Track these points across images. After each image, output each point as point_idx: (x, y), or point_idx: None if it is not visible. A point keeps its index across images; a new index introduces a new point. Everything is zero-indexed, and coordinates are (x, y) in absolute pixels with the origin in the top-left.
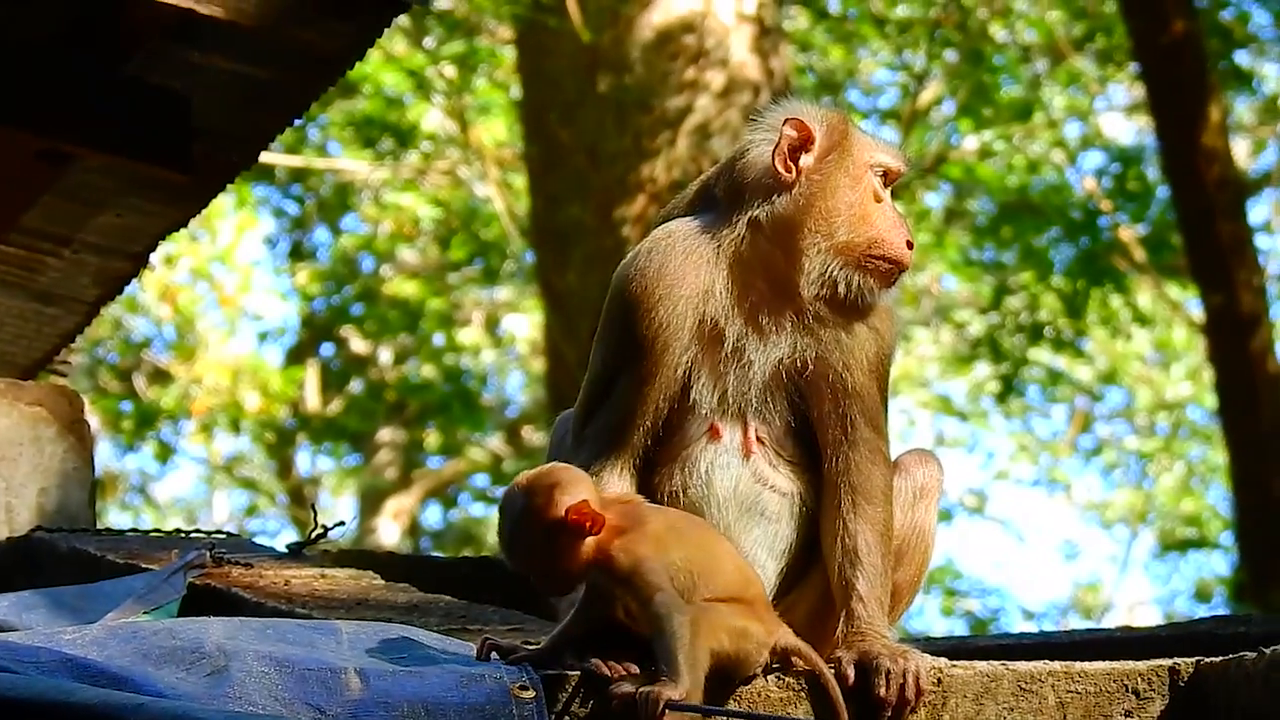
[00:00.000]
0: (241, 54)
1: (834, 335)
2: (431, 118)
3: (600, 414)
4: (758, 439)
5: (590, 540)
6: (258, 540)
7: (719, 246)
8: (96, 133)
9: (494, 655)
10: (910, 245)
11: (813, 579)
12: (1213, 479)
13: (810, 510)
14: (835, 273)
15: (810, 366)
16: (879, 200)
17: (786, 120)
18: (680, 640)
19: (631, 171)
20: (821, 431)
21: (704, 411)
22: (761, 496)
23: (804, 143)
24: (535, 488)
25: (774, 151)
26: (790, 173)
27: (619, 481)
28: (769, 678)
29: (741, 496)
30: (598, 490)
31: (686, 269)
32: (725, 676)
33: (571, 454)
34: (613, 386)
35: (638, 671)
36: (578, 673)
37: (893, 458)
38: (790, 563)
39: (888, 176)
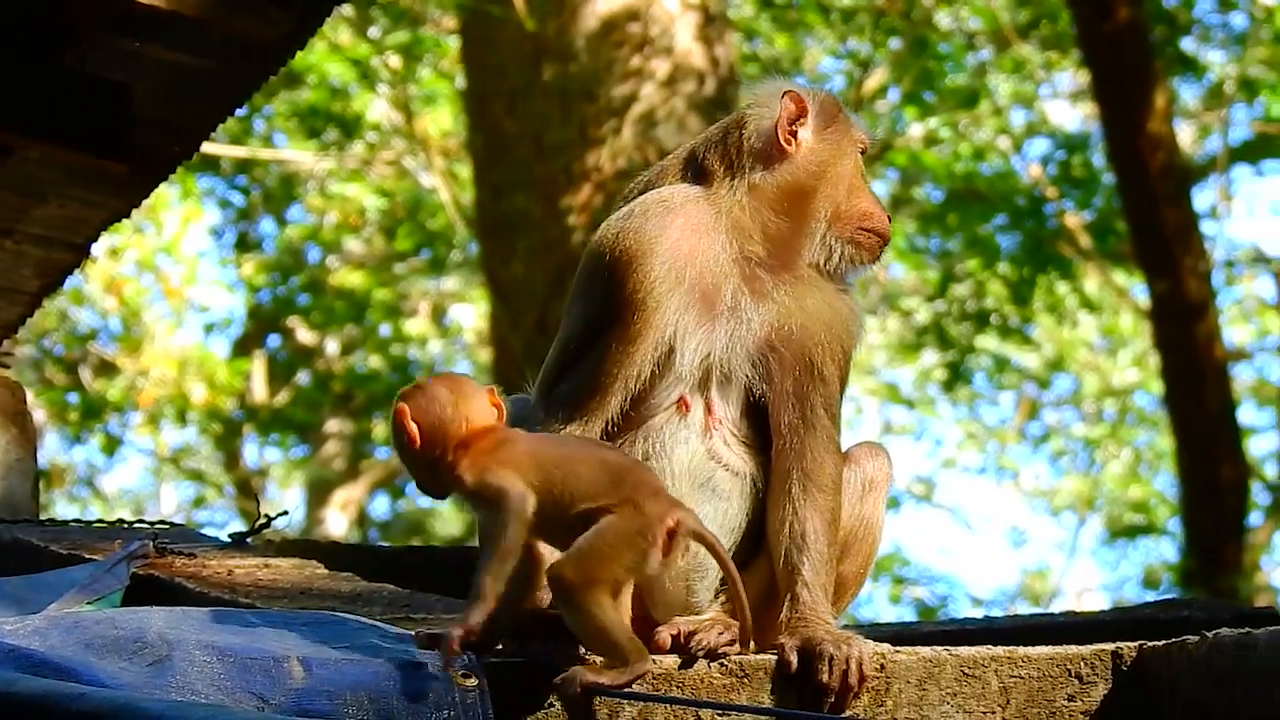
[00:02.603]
0: (182, 43)
1: (818, 308)
2: (376, 108)
3: (574, 374)
4: (718, 419)
5: (441, 458)
6: (205, 531)
7: (717, 211)
8: (37, 123)
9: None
10: (889, 219)
11: (760, 565)
12: (1160, 465)
13: (761, 493)
14: (831, 241)
15: (794, 334)
16: (863, 176)
17: (785, 93)
18: (581, 618)
19: (577, 160)
20: (778, 412)
21: (684, 374)
22: (715, 474)
23: (799, 116)
24: (404, 397)
25: (775, 123)
26: (790, 144)
27: None
28: (711, 665)
29: (695, 472)
30: (482, 411)
31: (686, 229)
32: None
33: (542, 414)
34: (590, 347)
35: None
36: (520, 659)
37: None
38: (738, 541)
39: (863, 154)
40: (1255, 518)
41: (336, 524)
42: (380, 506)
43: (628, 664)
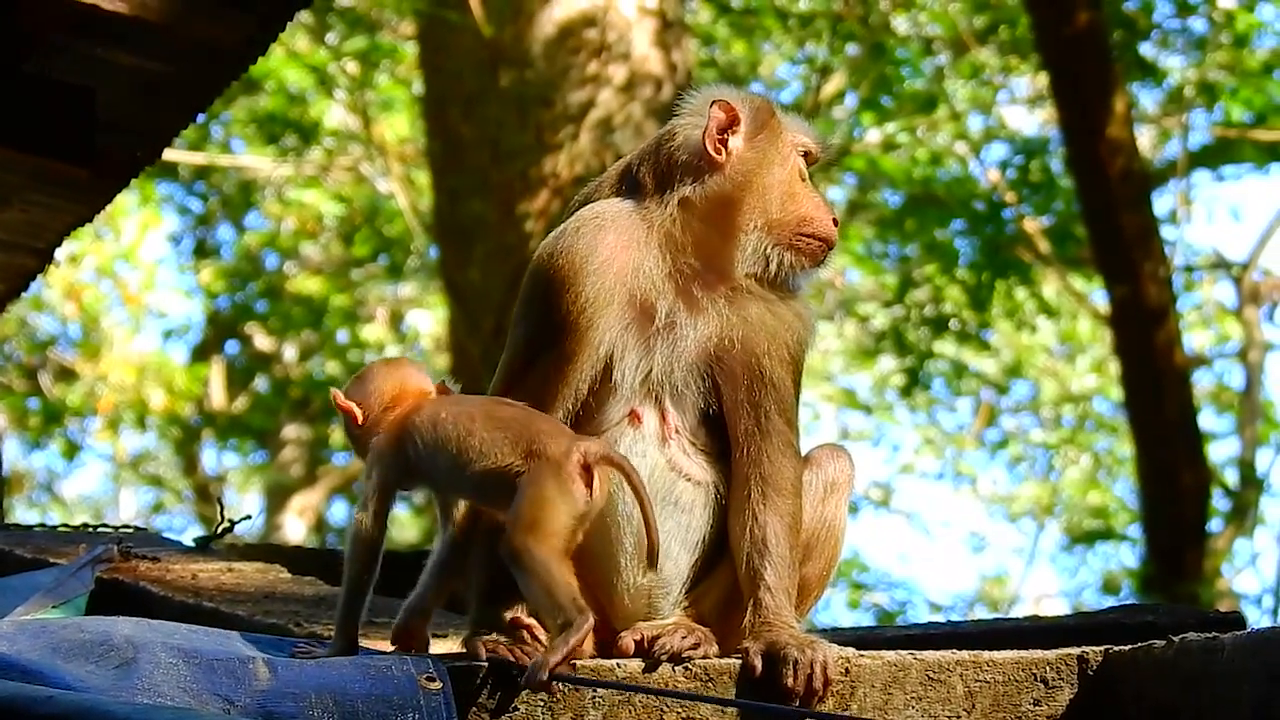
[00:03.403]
0: (145, 49)
1: (760, 317)
2: (334, 114)
3: (517, 395)
4: (674, 429)
5: (363, 426)
6: (166, 536)
7: (649, 226)
8: None
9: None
10: (836, 223)
11: (723, 570)
12: (1119, 471)
13: (723, 501)
14: (768, 250)
15: (736, 346)
16: (804, 180)
17: (713, 102)
18: (530, 579)
19: (534, 166)
20: (733, 421)
21: (625, 393)
22: (676, 486)
23: (730, 124)
24: (346, 386)
25: (704, 133)
26: (720, 154)
27: None
28: (676, 668)
29: (656, 485)
30: (418, 380)
31: (617, 247)
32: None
33: None
34: (531, 367)
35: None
36: (484, 662)
37: (803, 452)
38: (703, 554)
39: (808, 158)
40: (1216, 524)
41: (295, 530)
42: (338, 512)
43: (571, 624)
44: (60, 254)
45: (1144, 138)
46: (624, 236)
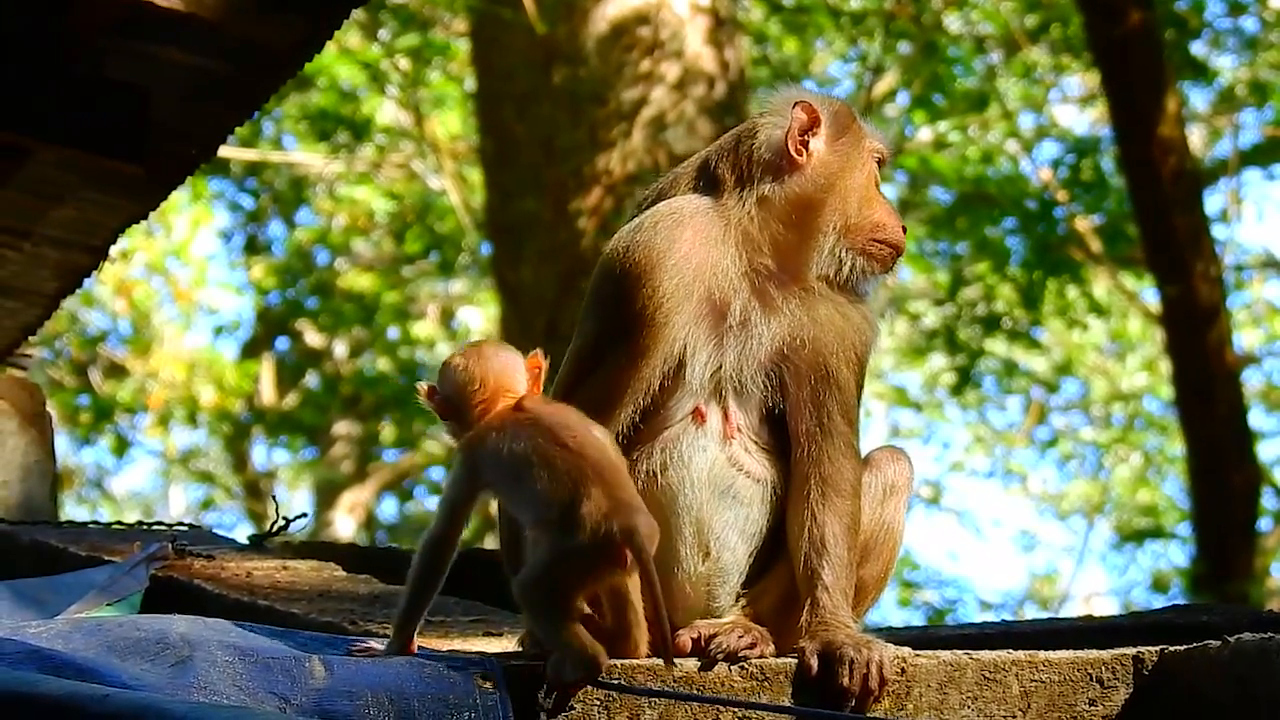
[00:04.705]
0: (199, 48)
1: (830, 318)
2: (386, 111)
3: (585, 389)
4: (736, 427)
5: (465, 423)
6: (217, 533)
7: (726, 224)
8: (54, 127)
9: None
10: (904, 230)
11: (781, 569)
12: (1169, 470)
13: (782, 499)
14: (842, 254)
15: (807, 346)
16: (878, 186)
17: (796, 103)
18: (532, 622)
19: (586, 164)
20: (796, 420)
21: (695, 387)
22: (736, 481)
23: (812, 126)
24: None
25: (786, 134)
26: (801, 155)
27: None
28: (732, 668)
29: (715, 479)
30: (501, 372)
31: (695, 243)
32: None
33: None
34: (600, 360)
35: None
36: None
37: (862, 454)
38: (760, 546)
39: (880, 164)
40: (1265, 523)
41: (345, 527)
42: (388, 509)
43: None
44: (111, 250)
45: (1195, 137)
46: (701, 233)
